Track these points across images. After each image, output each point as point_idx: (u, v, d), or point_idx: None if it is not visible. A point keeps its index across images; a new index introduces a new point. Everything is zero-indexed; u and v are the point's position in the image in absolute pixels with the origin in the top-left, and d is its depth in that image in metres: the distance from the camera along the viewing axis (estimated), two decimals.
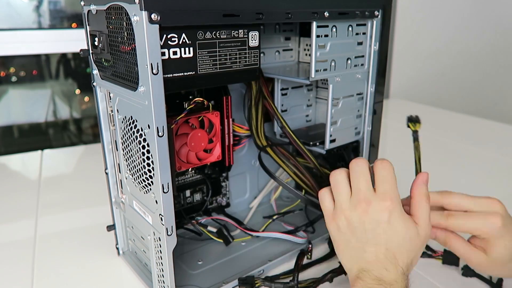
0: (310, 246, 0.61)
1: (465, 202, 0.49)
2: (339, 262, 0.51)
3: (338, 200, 0.48)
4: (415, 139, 0.61)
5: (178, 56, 0.43)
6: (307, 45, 0.69)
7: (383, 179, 0.46)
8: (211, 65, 0.46)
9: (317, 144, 0.60)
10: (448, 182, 0.89)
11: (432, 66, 1.79)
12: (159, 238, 0.47)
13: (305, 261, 0.59)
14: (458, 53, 1.82)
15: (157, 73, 0.40)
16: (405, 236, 0.45)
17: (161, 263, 0.49)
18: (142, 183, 0.48)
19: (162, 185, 0.43)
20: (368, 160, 0.63)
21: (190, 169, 0.63)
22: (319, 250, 0.63)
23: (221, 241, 0.62)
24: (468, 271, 0.57)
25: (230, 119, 0.58)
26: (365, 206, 0.45)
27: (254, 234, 0.63)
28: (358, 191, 0.46)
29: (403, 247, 0.45)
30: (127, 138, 0.49)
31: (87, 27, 0.51)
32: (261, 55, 0.51)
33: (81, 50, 0.52)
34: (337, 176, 0.49)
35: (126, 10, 0.40)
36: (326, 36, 0.53)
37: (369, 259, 0.45)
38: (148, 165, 0.45)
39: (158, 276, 0.51)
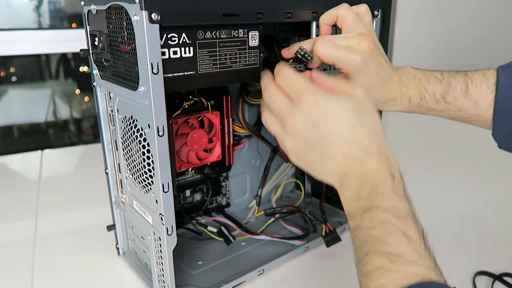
0: None
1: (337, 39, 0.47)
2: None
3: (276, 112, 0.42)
4: None
5: (178, 55, 0.43)
6: None
7: (287, 85, 0.41)
8: (211, 64, 0.46)
9: None
10: (448, 181, 0.89)
11: (432, 66, 1.79)
12: (159, 238, 0.47)
13: None
14: (458, 52, 1.82)
15: (157, 72, 0.40)
16: (350, 115, 0.39)
17: (161, 263, 0.49)
18: (142, 182, 0.48)
19: (162, 184, 0.43)
20: None
21: (190, 169, 0.63)
22: (319, 250, 0.63)
23: (222, 239, 0.62)
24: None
25: (230, 119, 0.58)
26: (289, 119, 0.40)
27: (254, 237, 0.63)
28: (279, 112, 0.41)
29: (359, 126, 0.39)
30: (127, 138, 0.49)
31: (87, 27, 0.50)
32: (261, 55, 0.51)
33: (81, 50, 0.52)
34: (264, 85, 0.44)
35: (126, 10, 0.40)
36: None
37: (338, 163, 0.39)
38: (148, 164, 0.45)
39: (158, 276, 0.51)
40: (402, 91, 0.52)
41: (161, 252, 0.48)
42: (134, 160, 0.48)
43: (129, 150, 0.49)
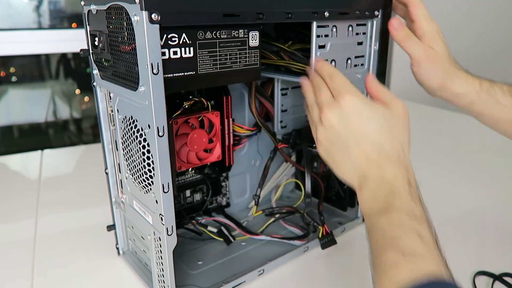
0: None
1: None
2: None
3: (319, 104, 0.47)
4: None
5: (178, 56, 0.43)
6: None
7: (335, 82, 0.46)
8: (211, 65, 0.46)
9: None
10: (447, 181, 0.89)
11: None
12: (159, 238, 0.47)
13: None
14: (458, 53, 1.82)
15: (158, 73, 0.40)
16: (382, 122, 0.43)
17: (161, 263, 0.49)
18: (142, 183, 0.48)
19: (162, 185, 0.43)
20: None
21: (190, 169, 0.63)
22: (319, 250, 0.63)
23: (222, 239, 0.62)
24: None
25: (230, 119, 0.58)
26: (326, 111, 0.44)
27: (254, 237, 0.63)
28: (321, 104, 0.46)
29: (386, 134, 0.43)
30: (127, 138, 0.49)
31: (87, 27, 0.51)
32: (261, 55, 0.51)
33: (81, 50, 0.52)
34: (314, 83, 0.49)
35: (126, 10, 0.40)
36: (326, 36, 0.53)
37: (360, 162, 0.43)
38: (149, 165, 0.45)
39: (158, 276, 0.51)
40: (473, 75, 0.57)
41: (161, 252, 0.48)
42: (134, 160, 0.48)
43: (129, 150, 0.49)
